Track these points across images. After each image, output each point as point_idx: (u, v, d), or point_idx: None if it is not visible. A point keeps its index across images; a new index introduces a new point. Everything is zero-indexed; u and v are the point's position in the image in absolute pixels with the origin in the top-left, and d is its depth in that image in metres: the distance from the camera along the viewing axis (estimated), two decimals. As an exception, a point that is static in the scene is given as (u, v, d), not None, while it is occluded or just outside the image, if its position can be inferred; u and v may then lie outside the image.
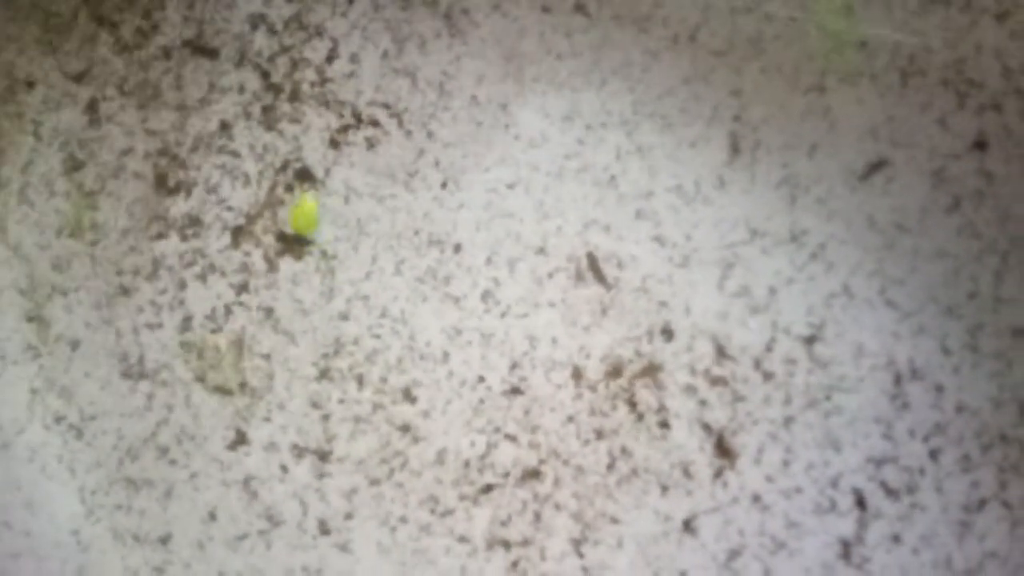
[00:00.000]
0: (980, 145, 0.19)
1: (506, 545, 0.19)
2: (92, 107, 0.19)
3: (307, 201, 0.20)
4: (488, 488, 0.19)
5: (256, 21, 0.20)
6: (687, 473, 0.19)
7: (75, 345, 0.19)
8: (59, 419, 0.19)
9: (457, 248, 0.19)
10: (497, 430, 0.19)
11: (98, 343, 0.19)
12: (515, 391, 0.19)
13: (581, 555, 0.19)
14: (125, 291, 0.20)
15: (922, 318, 0.19)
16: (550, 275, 0.19)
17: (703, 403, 0.19)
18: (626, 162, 0.19)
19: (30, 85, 0.20)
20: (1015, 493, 0.19)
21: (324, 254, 0.19)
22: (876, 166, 0.19)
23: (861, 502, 0.19)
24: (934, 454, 0.19)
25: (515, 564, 0.19)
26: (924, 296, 0.19)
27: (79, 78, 0.19)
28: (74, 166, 0.20)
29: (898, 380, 0.19)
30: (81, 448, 0.19)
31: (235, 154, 0.20)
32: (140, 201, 0.20)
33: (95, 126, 0.20)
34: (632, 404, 0.19)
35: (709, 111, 0.19)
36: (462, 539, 0.19)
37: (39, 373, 0.20)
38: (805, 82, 0.19)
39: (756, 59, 0.19)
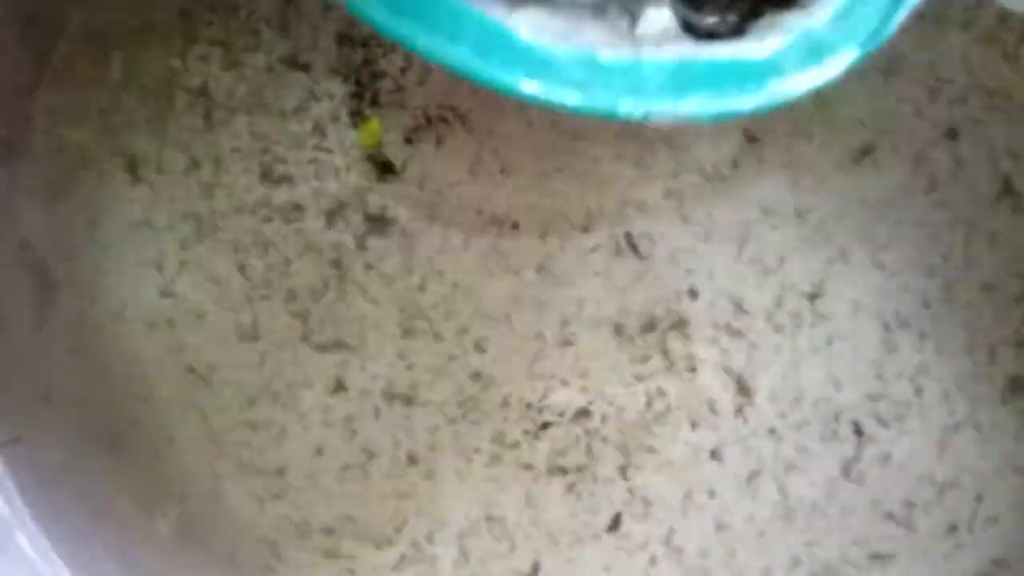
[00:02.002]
0: (952, 133, 0.23)
1: (563, 471, 0.23)
2: (207, 115, 0.23)
3: (371, 122, 0.24)
4: (546, 425, 0.23)
5: (342, 39, 0.24)
6: (712, 410, 0.23)
7: (200, 315, 0.23)
8: (190, 371, 0.23)
9: (515, 226, 0.23)
10: (553, 376, 0.23)
11: (218, 312, 0.23)
12: (566, 344, 0.23)
13: (626, 478, 0.23)
14: (241, 268, 0.23)
15: (905, 277, 0.23)
16: (593, 249, 0.23)
17: (724, 351, 0.23)
18: (655, 149, 0.23)
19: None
20: (984, 419, 0.22)
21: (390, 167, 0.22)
22: (865, 152, 0.23)
23: (858, 430, 0.23)
24: (918, 390, 0.23)
25: (571, 487, 0.23)
26: (907, 259, 0.23)
27: (197, 92, 0.23)
28: (194, 163, 0.24)
29: (887, 328, 0.23)
30: (208, 397, 0.23)
31: (327, 151, 0.24)
32: (250, 191, 0.24)
33: (210, 131, 0.23)
34: (665, 353, 0.23)
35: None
36: (527, 467, 0.23)
37: (167, 337, 0.23)
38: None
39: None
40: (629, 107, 0.15)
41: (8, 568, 0.16)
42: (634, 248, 0.23)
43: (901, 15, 0.15)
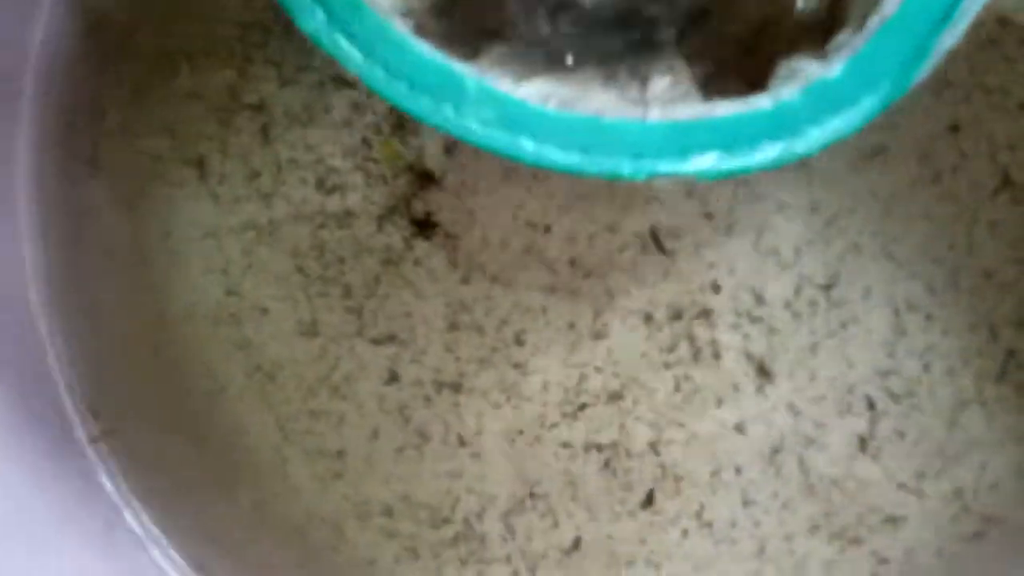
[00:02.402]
0: (954, 129, 0.24)
1: (599, 448, 0.25)
2: (265, 130, 0.25)
3: (388, 145, 0.25)
4: (583, 406, 0.25)
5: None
6: (736, 389, 0.25)
7: (264, 312, 0.25)
8: (256, 368, 0.25)
9: (547, 228, 0.25)
10: (587, 364, 0.25)
11: (280, 310, 0.25)
12: (599, 335, 0.25)
13: (658, 453, 0.25)
14: (300, 269, 0.25)
15: (914, 266, 0.25)
16: (620, 249, 0.25)
17: (746, 337, 0.25)
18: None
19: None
20: (989, 395, 0.24)
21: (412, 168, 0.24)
22: (877, 152, 0.24)
23: (872, 405, 0.24)
24: (927, 367, 0.24)
25: (607, 462, 0.25)
26: (915, 249, 0.24)
27: (255, 108, 0.25)
28: (254, 174, 0.26)
29: (897, 313, 0.24)
30: (273, 390, 0.25)
31: (374, 160, 0.26)
32: (307, 201, 0.26)
33: (268, 144, 0.25)
34: (691, 340, 0.25)
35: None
36: (565, 445, 0.25)
37: (235, 335, 0.25)
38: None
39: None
40: (631, 168, 0.15)
41: (120, 540, 0.18)
42: (659, 244, 0.25)
43: (925, 66, 0.15)
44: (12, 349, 0.19)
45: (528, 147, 0.15)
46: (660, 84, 0.15)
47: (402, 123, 0.26)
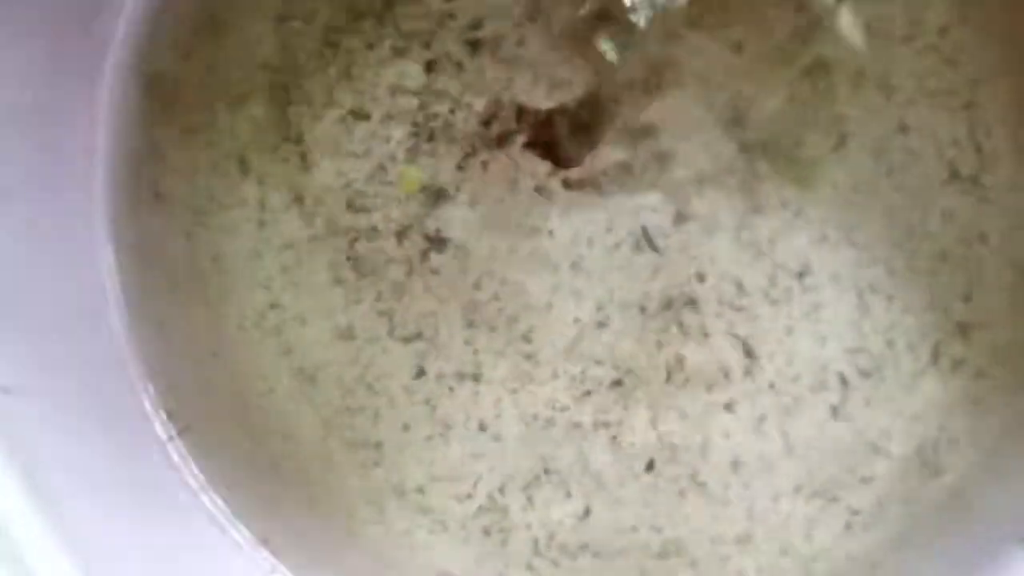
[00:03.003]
0: (904, 129, 0.27)
1: (606, 426, 0.28)
2: (303, 158, 0.28)
3: (408, 172, 0.28)
4: (588, 392, 0.28)
5: (394, 90, 0.29)
6: (723, 370, 0.28)
7: (303, 321, 0.29)
8: (299, 372, 0.28)
9: (551, 233, 0.28)
10: (591, 351, 0.28)
11: (318, 318, 0.29)
12: (601, 325, 0.28)
13: (656, 429, 0.28)
14: (339, 281, 0.29)
15: (875, 252, 0.27)
16: (616, 246, 0.28)
17: (730, 322, 0.28)
18: (666, 163, 0.28)
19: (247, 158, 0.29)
20: (944, 364, 0.27)
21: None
22: (836, 147, 0.27)
23: (843, 379, 0.27)
24: (890, 343, 0.27)
25: (614, 438, 0.28)
26: (875, 237, 0.27)
27: (296, 139, 0.28)
28: (293, 200, 0.29)
29: (861, 295, 0.27)
30: (316, 390, 0.28)
31: (391, 184, 0.29)
32: (334, 220, 0.29)
33: (306, 171, 0.29)
34: (681, 325, 0.28)
35: (721, 126, 0.27)
36: (576, 425, 0.28)
37: (279, 342, 0.29)
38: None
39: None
40: None
41: (198, 519, 0.21)
42: (650, 242, 0.28)
43: None
44: (99, 360, 0.22)
45: None
46: None
47: (416, 147, 0.29)
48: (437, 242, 0.28)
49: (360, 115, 0.29)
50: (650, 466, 0.28)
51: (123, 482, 0.20)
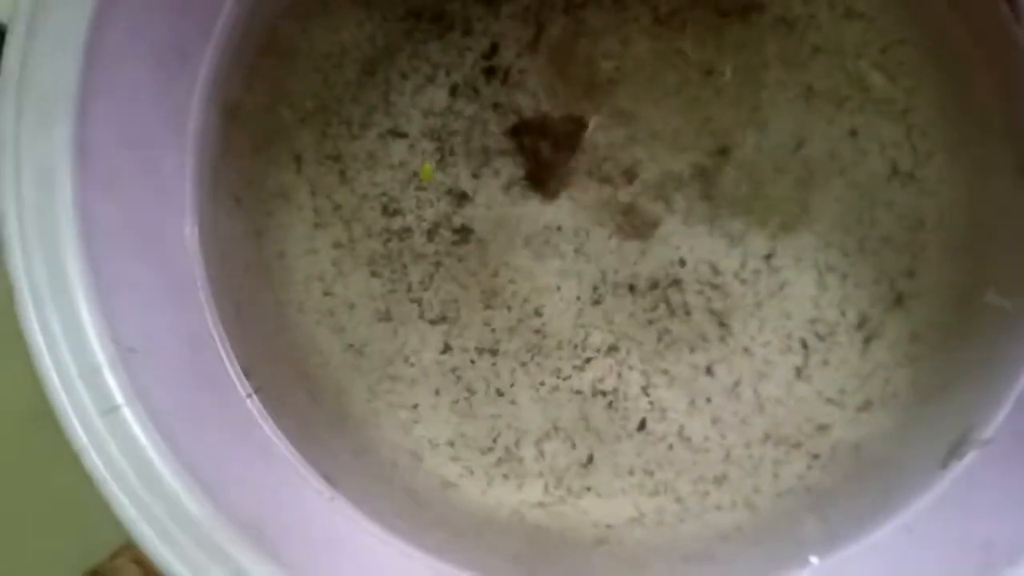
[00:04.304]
0: (853, 133, 0.32)
1: (603, 393, 0.33)
2: (343, 173, 0.34)
3: (426, 166, 0.33)
4: (589, 359, 0.33)
5: (426, 113, 0.34)
6: (704, 338, 0.32)
7: (351, 306, 0.34)
8: (349, 346, 0.34)
9: (559, 228, 0.33)
10: (590, 325, 0.33)
11: (363, 303, 0.34)
12: (597, 302, 0.33)
13: (648, 395, 0.32)
14: (375, 274, 0.34)
15: (831, 237, 0.32)
16: (610, 235, 0.33)
17: (708, 299, 0.33)
18: (646, 167, 0.33)
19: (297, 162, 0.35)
20: (889, 330, 0.31)
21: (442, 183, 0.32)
22: (794, 149, 0.32)
23: (805, 345, 0.32)
24: (843, 313, 0.32)
25: (610, 404, 0.33)
26: (831, 224, 0.32)
27: (334, 158, 0.34)
28: (337, 207, 0.34)
29: (820, 273, 0.32)
30: (363, 360, 0.34)
31: (424, 190, 0.34)
32: (375, 222, 0.34)
33: (345, 183, 0.34)
34: (667, 302, 0.33)
35: (693, 134, 0.32)
36: (577, 392, 0.33)
37: (332, 323, 0.34)
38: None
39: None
40: None
41: (276, 461, 0.26)
42: (637, 232, 0.33)
43: None
44: (194, 331, 0.27)
45: None
46: None
47: (442, 156, 0.34)
48: (462, 234, 0.34)
49: (397, 134, 0.34)
50: (642, 425, 0.32)
51: (218, 424, 0.26)
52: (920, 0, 0.30)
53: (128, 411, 0.23)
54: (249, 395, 0.28)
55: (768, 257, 0.32)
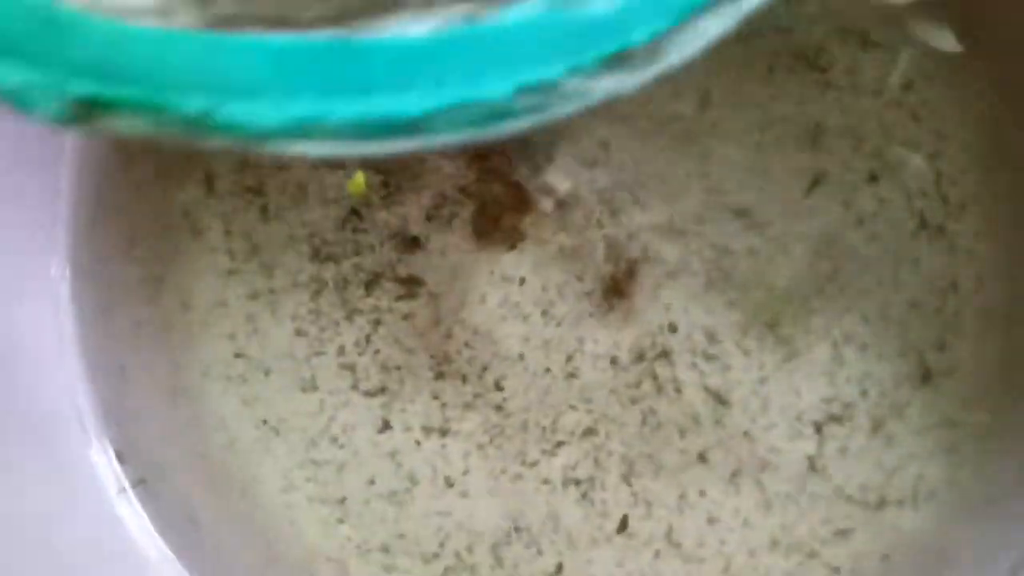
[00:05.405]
0: (873, 178, 0.27)
1: (576, 483, 0.27)
2: (264, 210, 0.28)
3: (357, 176, 0.28)
4: (560, 443, 0.27)
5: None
6: (696, 421, 0.27)
7: (267, 372, 0.28)
8: (263, 422, 0.27)
9: (522, 281, 0.28)
10: (562, 403, 0.27)
11: (282, 369, 0.28)
12: (571, 376, 0.28)
13: (630, 484, 0.27)
14: (300, 332, 0.28)
15: (847, 302, 0.27)
16: (588, 293, 0.28)
17: (703, 373, 0.27)
18: (629, 212, 0.28)
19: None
20: (918, 412, 0.27)
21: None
22: (810, 186, 0.28)
23: (818, 429, 0.27)
24: (864, 392, 0.27)
25: (584, 495, 0.27)
26: (848, 286, 0.27)
27: (255, 191, 0.28)
28: (256, 250, 0.29)
29: (835, 344, 0.27)
30: (280, 441, 0.28)
31: (364, 231, 0.29)
32: (303, 270, 0.29)
33: (267, 222, 0.29)
34: (654, 378, 0.27)
35: (684, 176, 0.28)
36: (545, 481, 0.27)
37: (245, 392, 0.28)
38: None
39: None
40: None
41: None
42: (619, 290, 0.28)
43: None
44: (51, 405, 0.21)
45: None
46: None
47: (388, 195, 0.29)
48: (409, 286, 0.28)
49: (334, 164, 0.29)
50: (623, 524, 0.27)
51: (73, 531, 0.20)
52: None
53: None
54: (123, 490, 0.22)
55: (773, 324, 0.27)
